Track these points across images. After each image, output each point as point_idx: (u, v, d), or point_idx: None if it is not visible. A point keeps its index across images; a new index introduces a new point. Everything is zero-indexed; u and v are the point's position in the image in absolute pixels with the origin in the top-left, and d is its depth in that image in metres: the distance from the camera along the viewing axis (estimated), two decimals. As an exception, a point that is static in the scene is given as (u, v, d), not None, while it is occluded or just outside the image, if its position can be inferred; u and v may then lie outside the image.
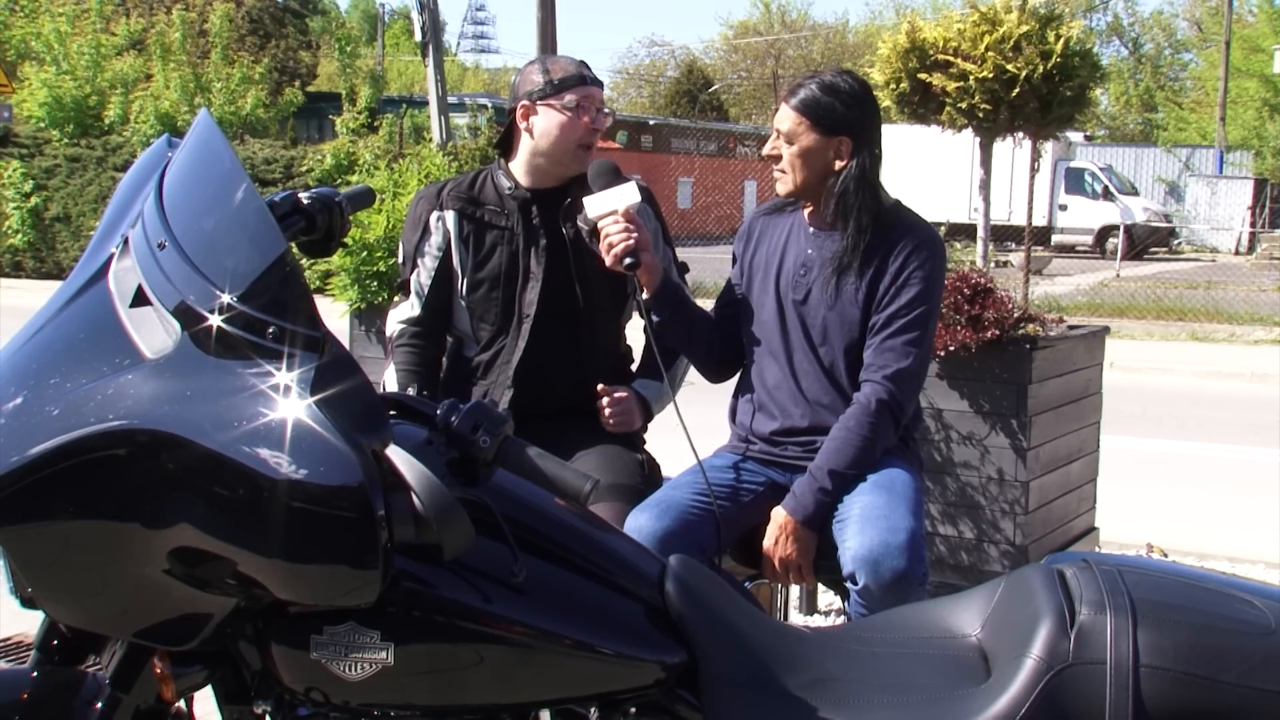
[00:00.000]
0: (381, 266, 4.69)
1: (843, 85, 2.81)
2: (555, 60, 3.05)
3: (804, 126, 2.78)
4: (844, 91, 2.80)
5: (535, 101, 2.97)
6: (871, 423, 2.71)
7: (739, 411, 2.97)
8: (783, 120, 2.82)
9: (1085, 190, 28.52)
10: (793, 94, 2.83)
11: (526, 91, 3.00)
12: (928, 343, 2.82)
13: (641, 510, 2.67)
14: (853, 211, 2.77)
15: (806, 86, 2.82)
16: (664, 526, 2.60)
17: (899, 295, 2.76)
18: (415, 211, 3.12)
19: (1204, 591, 1.70)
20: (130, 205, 1.75)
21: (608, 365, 3.10)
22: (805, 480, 2.73)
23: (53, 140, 20.12)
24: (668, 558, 1.85)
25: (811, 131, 2.78)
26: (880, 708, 1.69)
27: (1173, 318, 15.63)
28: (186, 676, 1.70)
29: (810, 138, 2.78)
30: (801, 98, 2.80)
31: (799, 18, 52.17)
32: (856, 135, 2.79)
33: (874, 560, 2.48)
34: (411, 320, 3.09)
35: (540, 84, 2.98)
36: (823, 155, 2.79)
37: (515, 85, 3.08)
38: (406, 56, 49.73)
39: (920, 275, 2.77)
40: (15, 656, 3.73)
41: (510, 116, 3.05)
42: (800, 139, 2.79)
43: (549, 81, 2.97)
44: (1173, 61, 52.27)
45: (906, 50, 5.72)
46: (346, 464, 1.47)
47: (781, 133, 2.82)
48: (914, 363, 2.76)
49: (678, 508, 2.66)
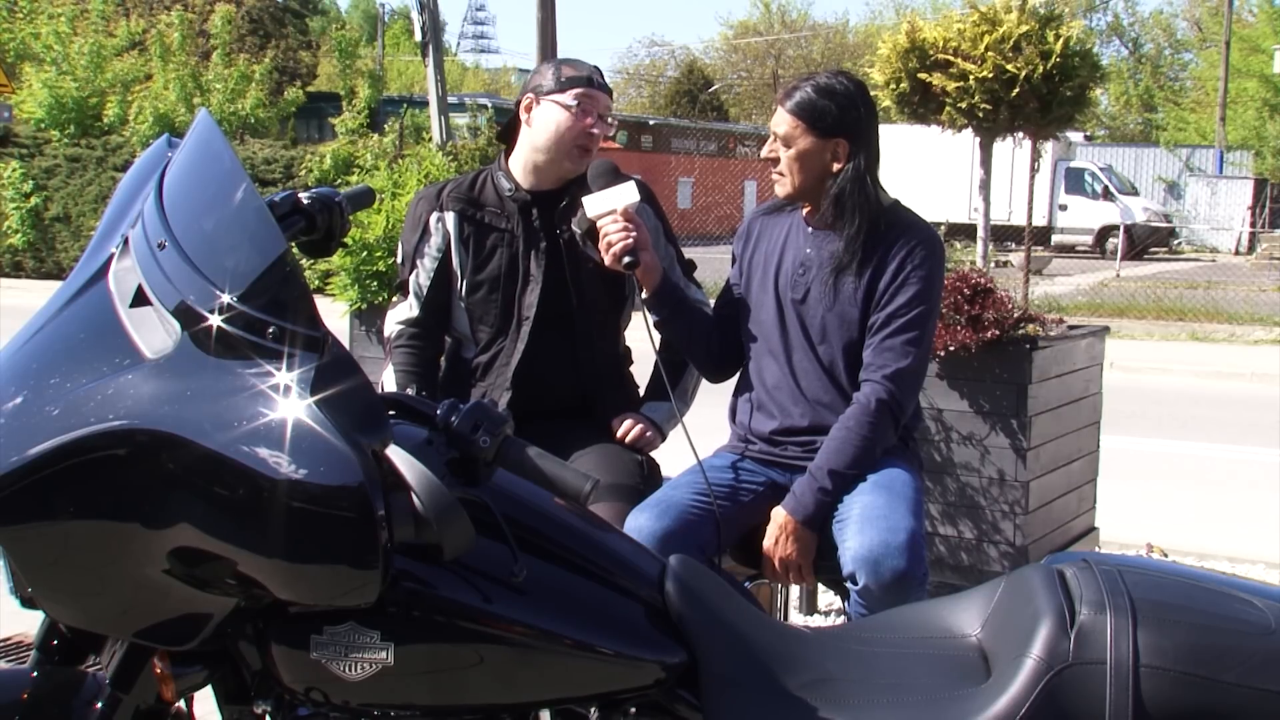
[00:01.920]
0: (381, 266, 4.69)
1: (838, 87, 2.81)
2: (570, 62, 3.06)
3: (800, 130, 2.78)
4: (839, 93, 2.79)
5: (540, 95, 2.99)
6: (871, 422, 2.71)
7: (738, 411, 2.97)
8: (779, 124, 2.82)
9: (1085, 190, 28.52)
10: (788, 97, 2.83)
11: (534, 86, 3.02)
12: (927, 342, 2.82)
13: (641, 510, 2.67)
14: (851, 212, 2.77)
15: (802, 89, 2.82)
16: (664, 526, 2.60)
17: (898, 294, 2.76)
18: (415, 212, 3.12)
19: (1204, 591, 1.70)
20: (130, 205, 1.75)
21: (606, 367, 3.11)
22: (805, 480, 2.73)
23: (53, 140, 20.11)
24: (668, 557, 1.85)
25: (808, 134, 2.78)
26: (880, 708, 1.69)
27: (1173, 318, 15.62)
28: (186, 676, 1.70)
29: (807, 141, 2.78)
30: (797, 101, 2.80)
31: (799, 18, 52.18)
32: (853, 137, 2.79)
33: (874, 560, 2.48)
34: (410, 321, 3.09)
35: (550, 80, 3.00)
36: (820, 158, 2.79)
37: (527, 80, 3.10)
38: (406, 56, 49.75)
39: (919, 275, 2.77)
40: (15, 656, 3.73)
41: (516, 108, 3.07)
42: (797, 142, 2.79)
43: (558, 78, 2.99)
44: (1173, 61, 52.29)
45: (906, 50, 5.72)
46: (346, 464, 1.47)
47: (778, 136, 2.82)
48: (913, 362, 2.76)
49: (678, 507, 2.66)
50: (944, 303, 3.99)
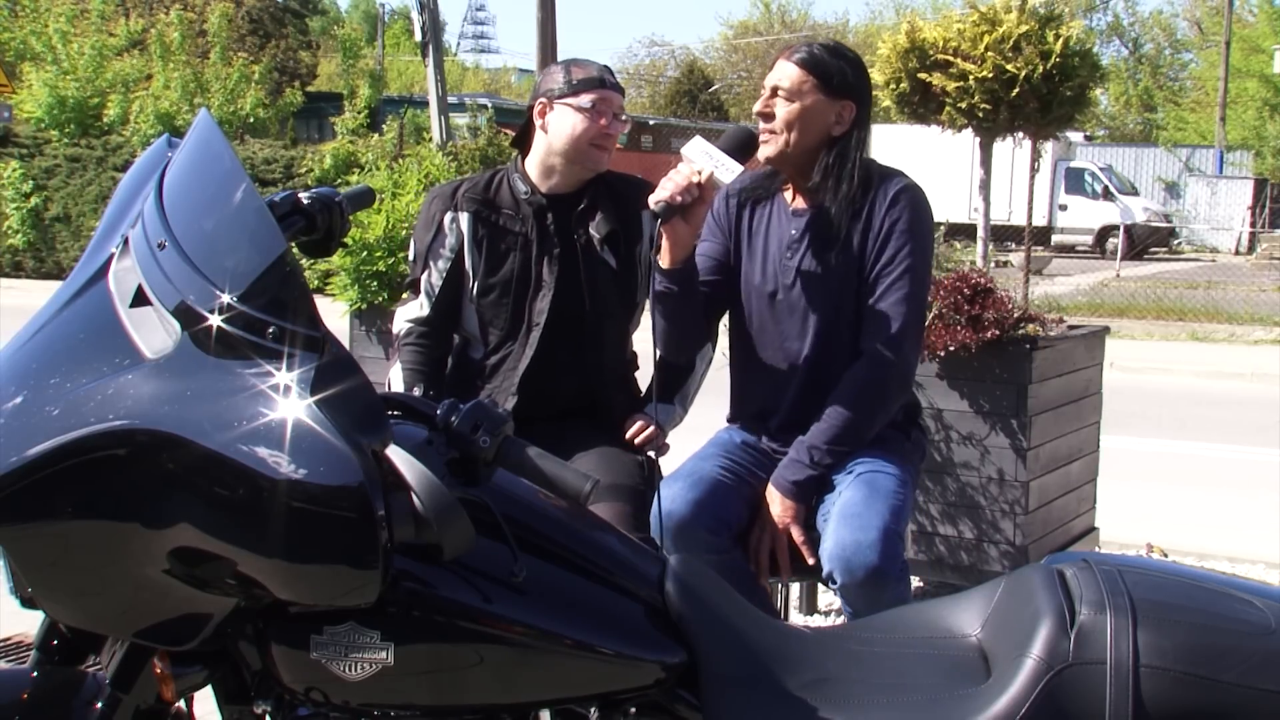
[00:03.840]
0: (381, 266, 4.69)
1: (848, 52, 2.75)
2: (580, 63, 3.04)
3: (809, 85, 2.66)
4: (849, 57, 2.73)
5: (553, 100, 2.97)
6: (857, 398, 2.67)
7: (738, 398, 2.95)
8: (783, 76, 2.68)
9: (1085, 190, 28.51)
10: (796, 51, 2.71)
11: (546, 90, 2.99)
12: (920, 295, 2.73)
13: (675, 479, 2.68)
14: (841, 183, 2.69)
15: (811, 47, 2.71)
16: (696, 496, 2.61)
17: (883, 252, 2.68)
18: (429, 211, 3.10)
19: (1204, 591, 1.70)
20: (130, 205, 1.75)
21: (614, 372, 3.10)
22: (790, 454, 2.71)
23: (53, 140, 20.11)
24: (668, 558, 1.85)
25: (817, 91, 2.66)
26: (880, 708, 1.69)
27: (1173, 318, 15.62)
28: (186, 676, 1.70)
29: (814, 97, 2.66)
30: (807, 54, 2.68)
31: (799, 18, 52.15)
32: (860, 103, 2.71)
33: (845, 558, 2.45)
34: (420, 320, 3.09)
35: (560, 84, 2.98)
36: (824, 118, 2.68)
37: (537, 84, 3.08)
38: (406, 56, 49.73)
39: (900, 226, 2.68)
40: (15, 656, 3.73)
41: (529, 114, 3.05)
42: (803, 97, 2.67)
43: (569, 82, 2.97)
44: (1173, 61, 52.29)
45: (906, 50, 5.73)
46: (346, 464, 1.47)
47: (781, 90, 2.68)
48: (907, 319, 2.68)
49: (708, 480, 2.67)
50: (944, 303, 3.99)
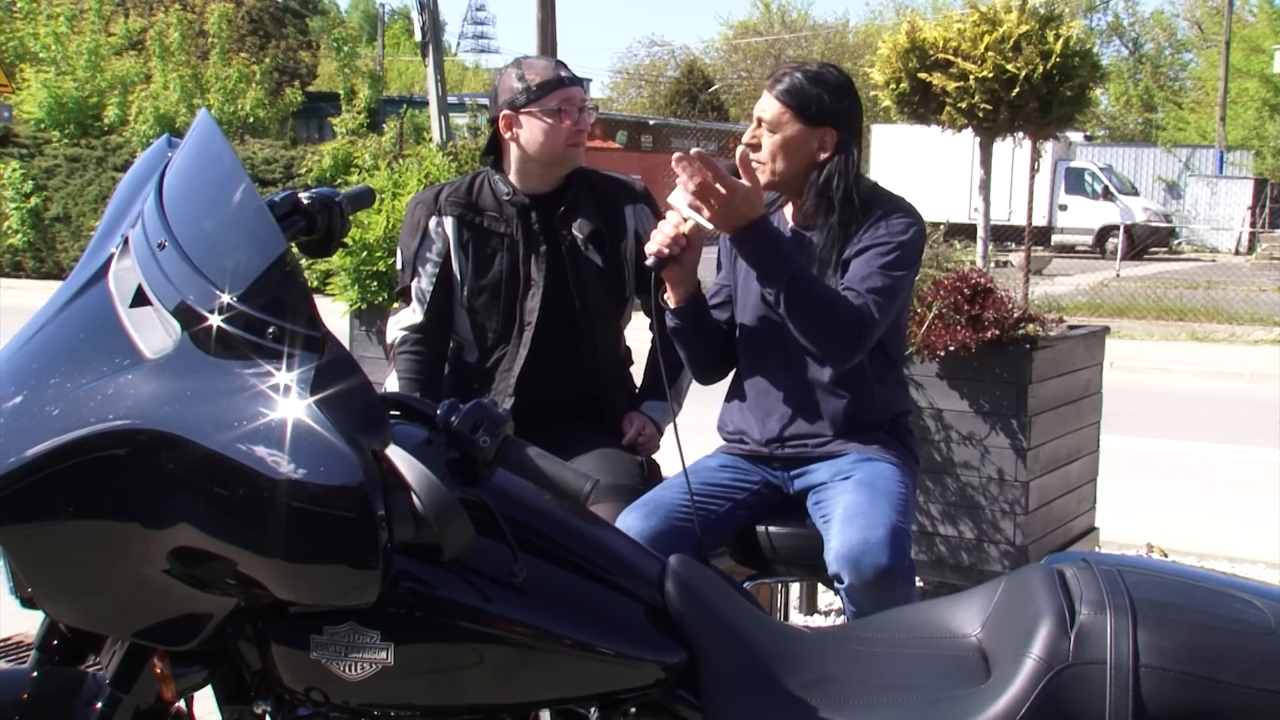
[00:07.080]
0: (381, 266, 4.69)
1: (829, 77, 2.77)
2: (531, 63, 3.01)
3: (788, 116, 2.73)
4: (830, 83, 2.76)
5: (517, 111, 2.95)
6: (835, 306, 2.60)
7: (732, 413, 2.93)
8: (765, 109, 2.76)
9: (1085, 190, 28.51)
10: (777, 82, 2.78)
11: (506, 100, 2.96)
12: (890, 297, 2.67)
13: (630, 510, 2.65)
14: (834, 205, 2.72)
15: (791, 75, 2.77)
16: (651, 526, 2.58)
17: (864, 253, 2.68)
18: (413, 217, 3.09)
19: (1204, 591, 1.70)
20: (130, 205, 1.75)
21: (609, 369, 3.10)
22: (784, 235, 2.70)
23: (53, 140, 20.10)
24: (668, 557, 1.85)
25: (795, 121, 2.73)
26: (880, 708, 1.69)
27: (1173, 318, 15.62)
28: (186, 676, 1.70)
29: (793, 128, 2.73)
30: (786, 86, 2.75)
31: (799, 18, 52.16)
32: (841, 128, 2.75)
33: (855, 558, 2.45)
34: (414, 327, 3.08)
35: (519, 90, 2.94)
36: (805, 146, 2.74)
37: (494, 92, 3.04)
38: (406, 56, 49.74)
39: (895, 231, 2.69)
40: (15, 656, 3.73)
41: (494, 126, 3.03)
42: (783, 128, 2.74)
43: (527, 88, 2.94)
44: (1173, 61, 52.31)
45: (906, 50, 5.73)
46: (346, 464, 1.47)
47: (764, 121, 2.76)
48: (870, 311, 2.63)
49: (665, 507, 2.64)
50: (944, 302, 3.99)
